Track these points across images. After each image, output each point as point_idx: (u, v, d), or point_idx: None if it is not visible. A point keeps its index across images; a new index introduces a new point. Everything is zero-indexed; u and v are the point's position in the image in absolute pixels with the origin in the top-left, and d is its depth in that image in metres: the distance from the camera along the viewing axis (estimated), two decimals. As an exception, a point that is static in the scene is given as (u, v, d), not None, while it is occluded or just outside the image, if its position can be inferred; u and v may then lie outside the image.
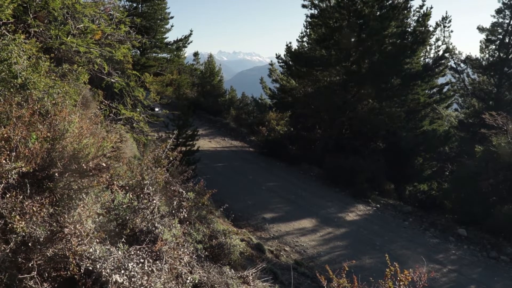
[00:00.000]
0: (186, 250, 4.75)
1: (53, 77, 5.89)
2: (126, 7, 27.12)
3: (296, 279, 9.00)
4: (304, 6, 20.73)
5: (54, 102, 4.99)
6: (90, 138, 4.48)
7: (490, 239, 14.12)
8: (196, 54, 35.99)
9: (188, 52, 34.58)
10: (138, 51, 29.18)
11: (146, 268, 3.86)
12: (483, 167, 15.45)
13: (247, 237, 11.35)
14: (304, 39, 23.79)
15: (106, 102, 8.92)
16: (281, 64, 24.65)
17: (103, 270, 3.59)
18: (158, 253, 4.17)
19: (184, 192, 6.33)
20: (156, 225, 4.51)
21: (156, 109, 19.34)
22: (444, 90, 22.08)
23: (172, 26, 31.49)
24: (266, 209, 14.79)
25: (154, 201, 4.82)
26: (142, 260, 3.91)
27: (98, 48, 7.86)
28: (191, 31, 32.59)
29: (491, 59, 21.39)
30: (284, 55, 23.75)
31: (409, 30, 19.61)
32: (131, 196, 4.72)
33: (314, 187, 17.78)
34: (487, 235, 14.28)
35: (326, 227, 14.04)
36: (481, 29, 21.63)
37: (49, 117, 4.46)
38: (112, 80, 8.89)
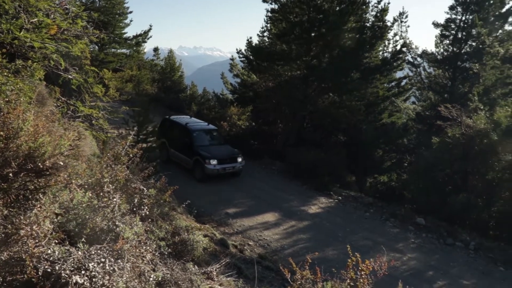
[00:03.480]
0: (148, 247, 4.70)
1: (5, 74, 5.69)
2: (83, 1, 26.44)
3: (260, 273, 9.03)
4: (264, 0, 20.77)
5: (7, 99, 4.83)
6: (46, 137, 4.36)
7: (447, 227, 14.59)
8: (156, 50, 35.52)
9: (147, 47, 33.95)
10: (97, 47, 28.52)
11: (107, 267, 3.79)
12: (439, 158, 15.93)
13: (211, 233, 11.32)
14: (265, 34, 23.86)
15: (63, 99, 8.69)
16: (242, 59, 24.63)
17: (62, 272, 3.50)
18: (119, 251, 4.10)
19: (145, 189, 6.24)
20: (117, 223, 4.43)
21: None
22: (402, 83, 22.62)
23: (131, 21, 30.97)
24: (229, 204, 14.79)
25: (115, 199, 4.73)
26: (103, 260, 3.84)
27: (54, 43, 7.62)
28: (150, 26, 32.11)
29: (445, 53, 22.01)
30: (245, 50, 23.74)
31: (368, 25, 19.96)
32: (90, 194, 4.63)
33: (276, 181, 17.91)
34: (444, 223, 14.75)
35: (289, 220, 14.17)
36: (436, 25, 22.22)
37: (2, 115, 4.31)
38: (70, 77, 8.65)
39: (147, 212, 5.44)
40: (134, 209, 5.18)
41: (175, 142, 18.20)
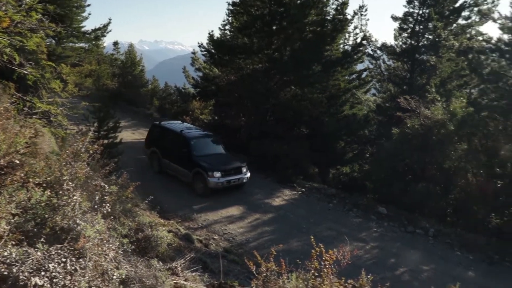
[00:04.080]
0: (111, 245, 4.62)
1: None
2: (38, -7, 25.54)
3: (226, 267, 9.05)
4: (225, -6, 20.70)
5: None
6: (0, 134, 4.22)
7: (407, 215, 15.00)
8: (116, 44, 34.76)
9: (107, 41, 33.07)
10: (54, 41, 27.63)
11: (68, 267, 3.71)
12: (399, 148, 16.31)
13: (175, 228, 11.26)
14: (227, 27, 23.78)
15: (18, 95, 8.40)
16: (204, 52, 24.47)
17: (20, 274, 3.40)
18: (81, 250, 4.02)
19: (106, 186, 6.13)
20: (78, 222, 4.32)
21: None
22: (363, 76, 22.97)
23: (89, 14, 30.02)
24: (194, 199, 14.74)
25: (75, 197, 4.62)
26: (64, 260, 3.75)
27: (7, 36, 7.35)
28: (109, 19, 31.27)
29: (404, 46, 22.45)
30: (207, 44, 23.60)
31: (329, 18, 20.15)
32: (49, 193, 4.50)
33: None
34: (404, 212, 15.15)
35: (254, 213, 14.25)
36: (394, 18, 22.62)
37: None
38: (25, 72, 8.36)
39: (109, 209, 5.34)
40: (96, 206, 5.07)
41: (169, 152, 16.47)
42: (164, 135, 17.02)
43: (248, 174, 16.10)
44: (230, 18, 22.80)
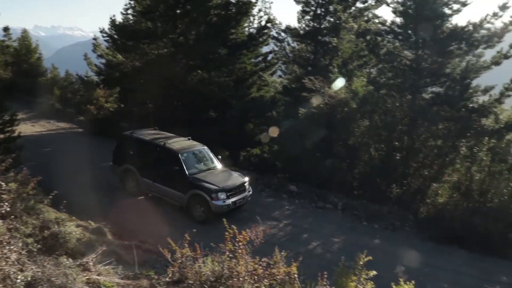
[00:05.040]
0: (13, 247, 4.32)
1: None
2: None
3: (141, 257, 8.83)
4: (127, -24, 19.91)
5: None
6: None
7: (317, 192, 15.61)
8: (6, 29, 32.06)
9: (-4, 27, 30.57)
10: None
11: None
12: (306, 127, 16.82)
13: (85, 222, 10.77)
14: (129, 11, 22.84)
15: None
16: (106, 38, 23.38)
17: None
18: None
19: (3, 183, 5.71)
20: (-28, 225, 3.99)
21: None
22: (269, 58, 23.28)
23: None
24: (104, 190, 14.16)
25: (-33, 198, 4.25)
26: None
27: None
28: (-3, 3, 28.94)
29: (307, 28, 23.00)
30: (109, 29, 22.59)
31: (233, 1, 20.13)
32: None
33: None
34: (314, 188, 15.74)
35: (166, 202, 14.01)
36: (297, 1, 23.06)
37: None
38: None
39: (8, 209, 4.98)
40: (-9, 207, 4.70)
41: (151, 170, 13.75)
42: (141, 149, 14.18)
43: (251, 190, 14.06)
44: (132, 2, 21.96)
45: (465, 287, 11.00)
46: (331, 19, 22.09)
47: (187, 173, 13.06)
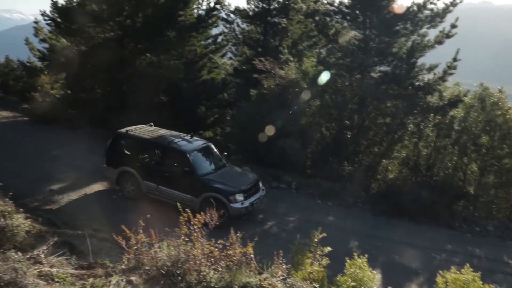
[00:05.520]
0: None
1: None
2: None
3: (95, 246, 8.66)
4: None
5: None
6: None
7: (271, 172, 15.71)
8: None
9: None
10: None
11: None
12: (258, 108, 16.87)
13: (34, 214, 10.43)
14: (73, -8, 21.97)
15: None
16: (49, 22, 22.37)
17: None
18: None
19: None
20: None
21: None
22: (218, 40, 23.13)
23: None
24: (53, 180, 13.65)
25: None
26: None
27: None
28: None
29: (256, 9, 22.97)
30: (51, 12, 21.60)
31: (180, -18, 19.75)
32: None
33: (102, 149, 17.12)
34: (268, 169, 15.82)
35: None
36: (244, -17, 23.00)
37: None
38: None
39: None
40: None
41: (154, 172, 12.43)
42: (141, 149, 12.92)
43: (264, 188, 13.06)
44: (76, -17, 21.09)
45: (414, 256, 11.50)
46: (280, 0, 22.11)
47: (198, 174, 11.89)
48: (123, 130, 13.10)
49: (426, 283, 9.90)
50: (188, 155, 12.00)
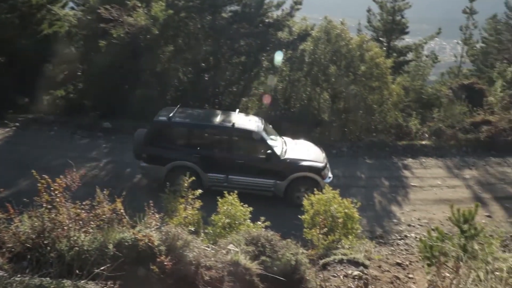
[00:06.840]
0: None
1: None
2: None
3: None
4: None
5: None
6: None
7: (133, 124, 15.05)
8: None
9: None
10: None
11: None
12: (110, 60, 16.06)
13: None
14: None
15: None
16: None
17: None
18: None
19: None
20: None
21: None
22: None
23: None
24: None
25: None
26: None
27: None
28: None
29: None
30: None
31: None
32: None
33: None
34: (129, 121, 15.33)
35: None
36: None
37: None
38: None
39: None
40: None
41: (220, 161, 11.00)
42: (198, 137, 11.50)
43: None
44: None
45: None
46: None
47: (278, 155, 11.05)
48: (162, 118, 11.43)
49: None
50: (263, 136, 11.14)
